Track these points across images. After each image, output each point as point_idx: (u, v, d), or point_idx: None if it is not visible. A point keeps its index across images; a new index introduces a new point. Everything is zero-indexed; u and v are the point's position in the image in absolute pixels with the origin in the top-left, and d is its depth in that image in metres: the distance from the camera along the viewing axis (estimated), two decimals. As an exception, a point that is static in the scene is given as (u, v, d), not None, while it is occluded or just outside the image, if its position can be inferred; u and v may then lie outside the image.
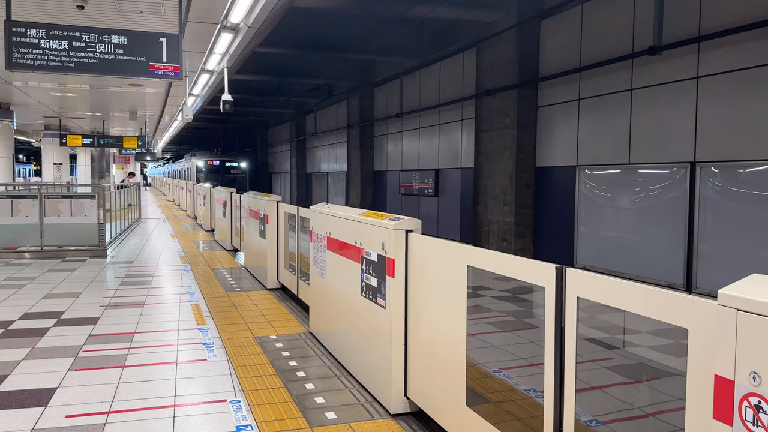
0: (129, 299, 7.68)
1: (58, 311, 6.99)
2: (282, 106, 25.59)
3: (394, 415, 4.13)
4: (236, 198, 12.07)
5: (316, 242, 5.84)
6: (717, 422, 1.73)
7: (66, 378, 4.77)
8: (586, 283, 2.42)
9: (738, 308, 1.66)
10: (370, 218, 4.50)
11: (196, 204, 20.67)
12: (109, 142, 23.38)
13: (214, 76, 12.15)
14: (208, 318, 6.75)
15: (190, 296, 7.92)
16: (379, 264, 4.27)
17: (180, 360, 5.25)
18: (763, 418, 1.60)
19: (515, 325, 3.41)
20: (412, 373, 4.06)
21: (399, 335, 4.12)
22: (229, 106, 10.18)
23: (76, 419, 4.00)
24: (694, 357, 1.95)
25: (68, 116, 21.15)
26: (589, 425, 2.56)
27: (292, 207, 7.77)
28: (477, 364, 3.37)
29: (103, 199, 11.94)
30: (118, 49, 6.61)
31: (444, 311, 3.60)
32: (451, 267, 3.50)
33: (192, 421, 4.00)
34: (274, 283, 8.57)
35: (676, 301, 2.01)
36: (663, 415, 2.37)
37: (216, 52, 9.74)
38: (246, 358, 5.34)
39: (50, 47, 6.43)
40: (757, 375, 1.61)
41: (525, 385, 3.10)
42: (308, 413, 4.14)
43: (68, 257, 11.42)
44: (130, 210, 17.77)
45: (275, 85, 19.81)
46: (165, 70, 6.74)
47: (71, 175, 35.00)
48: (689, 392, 1.98)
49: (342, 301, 5.14)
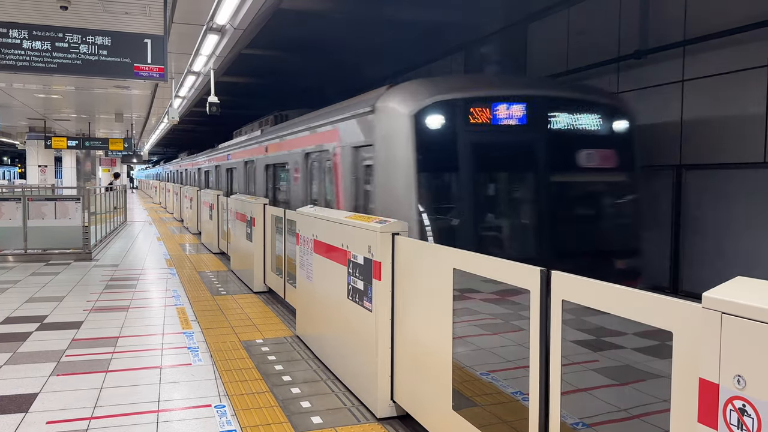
0: (113, 303, 7.60)
1: (41, 315, 6.89)
2: (270, 108, 25.46)
3: (381, 419, 4.10)
4: (223, 200, 11.99)
5: (303, 245, 5.80)
6: (702, 426, 1.72)
7: (48, 383, 4.70)
8: (570, 285, 2.41)
9: (722, 311, 1.65)
10: (356, 221, 4.47)
11: (182, 207, 20.52)
12: (94, 144, 23.15)
13: (201, 78, 12.08)
14: (193, 322, 6.68)
15: (176, 300, 7.84)
16: (366, 267, 4.24)
17: (164, 364, 5.19)
18: (747, 421, 1.59)
19: (503, 327, 3.40)
20: (399, 376, 4.04)
21: (385, 338, 4.10)
22: (216, 108, 10.11)
23: (57, 425, 3.93)
24: (679, 360, 1.95)
25: (53, 118, 20.92)
26: (575, 428, 2.55)
27: (279, 209, 7.73)
28: (464, 367, 3.35)
29: (88, 201, 11.81)
30: (102, 50, 6.54)
31: (430, 314, 3.58)
32: (438, 270, 3.48)
33: (176, 426, 3.95)
34: (260, 287, 8.51)
35: (661, 304, 2.01)
36: (649, 417, 2.37)
37: (202, 54, 9.67)
38: (231, 362, 5.29)
39: (33, 48, 6.35)
40: (742, 378, 1.60)
41: (512, 388, 3.09)
42: (294, 418, 4.10)
43: (52, 261, 11.28)
44: (115, 213, 17.61)
45: (262, 87, 19.68)
46: (149, 72, 6.67)
47: (57, 177, 34.67)
48: (674, 395, 1.97)
49: (329, 304, 5.11)
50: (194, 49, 9.49)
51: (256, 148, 11.83)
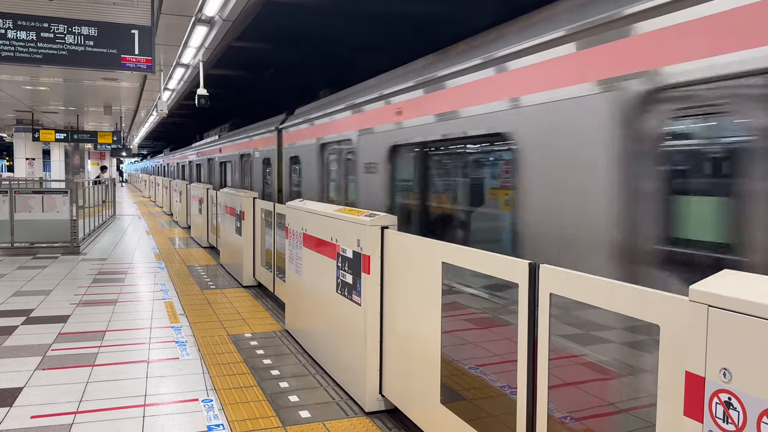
0: (101, 297, 7.53)
1: (27, 309, 6.82)
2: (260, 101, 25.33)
3: (369, 413, 4.09)
4: (212, 194, 11.92)
5: (293, 239, 5.77)
6: (688, 419, 1.72)
7: (33, 377, 4.65)
8: (558, 279, 2.40)
9: (709, 304, 1.64)
10: (346, 214, 4.44)
11: (172, 200, 20.38)
12: (83, 137, 22.93)
13: (190, 71, 11.98)
14: (181, 316, 6.64)
15: (164, 294, 7.79)
16: (355, 261, 4.22)
17: (152, 359, 5.15)
18: (733, 414, 1.59)
19: (493, 321, 3.38)
20: (388, 370, 4.03)
21: (374, 332, 4.08)
22: (205, 101, 10.03)
23: (42, 419, 3.89)
24: (666, 353, 1.94)
25: (41, 110, 20.69)
26: (563, 421, 2.54)
27: (268, 203, 7.68)
28: (453, 361, 3.35)
29: (76, 195, 11.70)
30: (89, 40, 6.45)
31: (419, 308, 3.57)
32: (427, 263, 3.46)
33: (162, 420, 3.92)
34: (250, 281, 8.47)
35: (648, 297, 2.00)
36: (638, 411, 2.37)
37: (191, 46, 9.58)
38: (219, 356, 5.26)
39: (17, 38, 6.25)
40: (728, 371, 1.60)
41: (500, 382, 3.08)
42: (281, 412, 4.08)
43: (40, 254, 11.18)
44: (104, 206, 17.47)
45: (253, 81, 19.55)
46: (137, 63, 6.60)
47: (45, 170, 34.34)
48: (661, 389, 1.97)
49: (318, 298, 5.08)
50: (183, 41, 9.40)
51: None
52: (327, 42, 13.83)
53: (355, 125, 6.01)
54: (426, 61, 5.11)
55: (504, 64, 3.57)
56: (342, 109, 6.44)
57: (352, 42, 13.61)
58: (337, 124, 6.63)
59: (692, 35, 2.34)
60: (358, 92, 6.22)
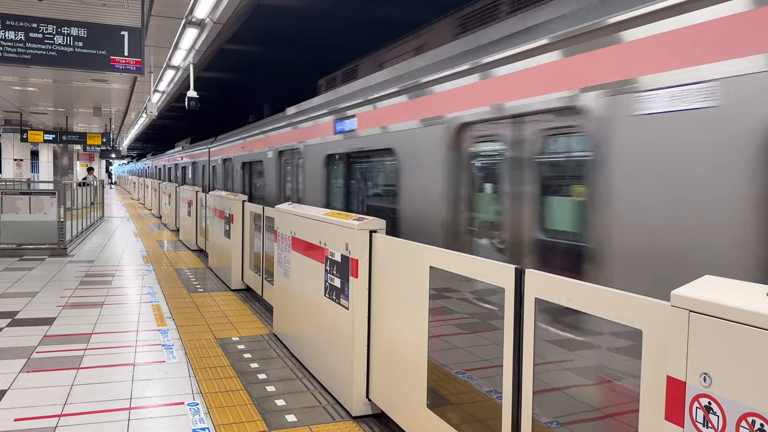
0: (88, 299, 7.48)
1: (13, 311, 6.76)
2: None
3: (356, 418, 4.09)
4: (202, 197, 11.87)
5: (281, 242, 5.76)
6: (669, 423, 1.73)
7: (17, 380, 4.61)
8: (544, 283, 2.42)
9: (690, 309, 1.66)
10: (334, 218, 4.45)
11: (161, 203, 20.27)
12: (72, 138, 22.79)
13: (180, 73, 11.95)
14: (168, 319, 6.60)
15: (151, 297, 7.75)
16: (343, 264, 4.22)
17: (138, 362, 5.12)
18: (712, 419, 1.60)
19: (480, 326, 3.40)
20: (375, 374, 4.02)
21: (362, 337, 4.08)
22: (195, 103, 10.01)
23: (25, 422, 3.86)
24: (648, 358, 1.96)
25: (30, 111, 20.54)
26: (549, 426, 2.55)
27: (257, 206, 7.67)
28: (440, 366, 3.35)
29: (64, 196, 11.62)
30: (78, 41, 6.42)
31: (406, 312, 3.57)
32: (414, 268, 3.47)
33: (147, 424, 3.89)
34: (238, 284, 8.44)
35: (631, 302, 2.02)
36: (622, 416, 2.38)
37: (181, 48, 9.56)
38: (206, 360, 5.23)
39: (6, 38, 6.21)
40: (708, 376, 1.61)
41: (487, 386, 3.09)
42: (268, 416, 4.07)
43: (26, 256, 11.08)
44: (93, 208, 17.34)
45: (244, 83, 19.50)
46: (126, 64, 6.57)
47: (33, 172, 34.08)
48: (643, 393, 1.98)
49: (306, 302, 5.07)
50: (173, 43, 9.38)
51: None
52: (319, 45, 13.83)
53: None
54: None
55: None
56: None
57: (344, 45, 13.62)
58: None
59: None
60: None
